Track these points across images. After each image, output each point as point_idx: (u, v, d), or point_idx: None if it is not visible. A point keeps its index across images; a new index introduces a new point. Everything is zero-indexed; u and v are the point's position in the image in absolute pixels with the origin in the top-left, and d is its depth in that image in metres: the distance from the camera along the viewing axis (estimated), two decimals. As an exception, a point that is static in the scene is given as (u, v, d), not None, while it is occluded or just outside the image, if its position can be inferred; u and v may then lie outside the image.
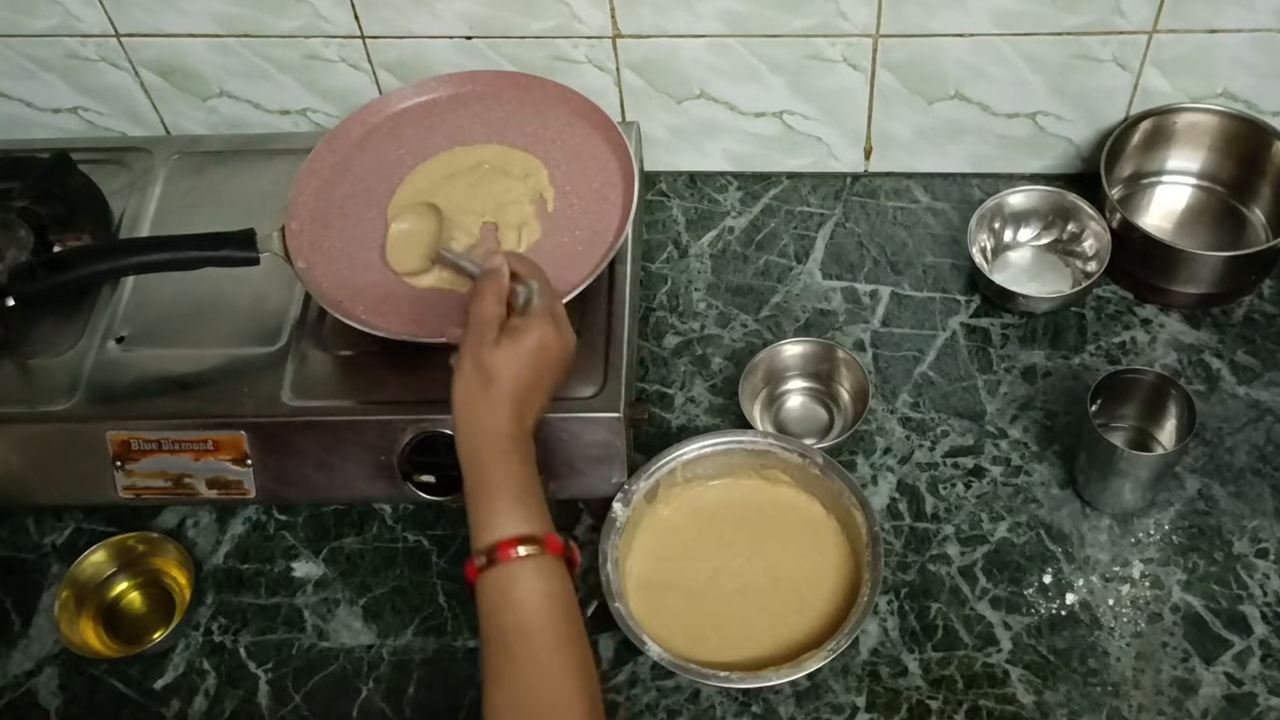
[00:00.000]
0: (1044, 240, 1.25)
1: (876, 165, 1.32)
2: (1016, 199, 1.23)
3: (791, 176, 1.33)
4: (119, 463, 1.07)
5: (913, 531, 1.08)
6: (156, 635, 1.06)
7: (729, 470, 1.09)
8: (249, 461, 1.07)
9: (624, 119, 1.29)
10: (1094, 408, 1.03)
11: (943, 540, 1.07)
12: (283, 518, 1.13)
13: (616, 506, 1.04)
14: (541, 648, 0.82)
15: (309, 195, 1.13)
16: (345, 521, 1.12)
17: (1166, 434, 1.09)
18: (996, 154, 1.29)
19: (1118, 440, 1.04)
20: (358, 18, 1.21)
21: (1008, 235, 1.25)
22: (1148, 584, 1.04)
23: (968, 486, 1.10)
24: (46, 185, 1.18)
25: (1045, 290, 1.21)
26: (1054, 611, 1.03)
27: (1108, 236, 1.18)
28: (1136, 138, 1.24)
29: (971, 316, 1.21)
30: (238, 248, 1.05)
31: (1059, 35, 1.17)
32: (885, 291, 1.23)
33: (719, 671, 0.96)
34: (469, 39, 1.23)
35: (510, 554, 0.83)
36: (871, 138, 1.29)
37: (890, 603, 1.04)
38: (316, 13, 1.21)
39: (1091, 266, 1.20)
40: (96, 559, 1.08)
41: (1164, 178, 1.27)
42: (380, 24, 1.22)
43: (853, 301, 1.23)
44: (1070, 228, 1.23)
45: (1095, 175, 1.20)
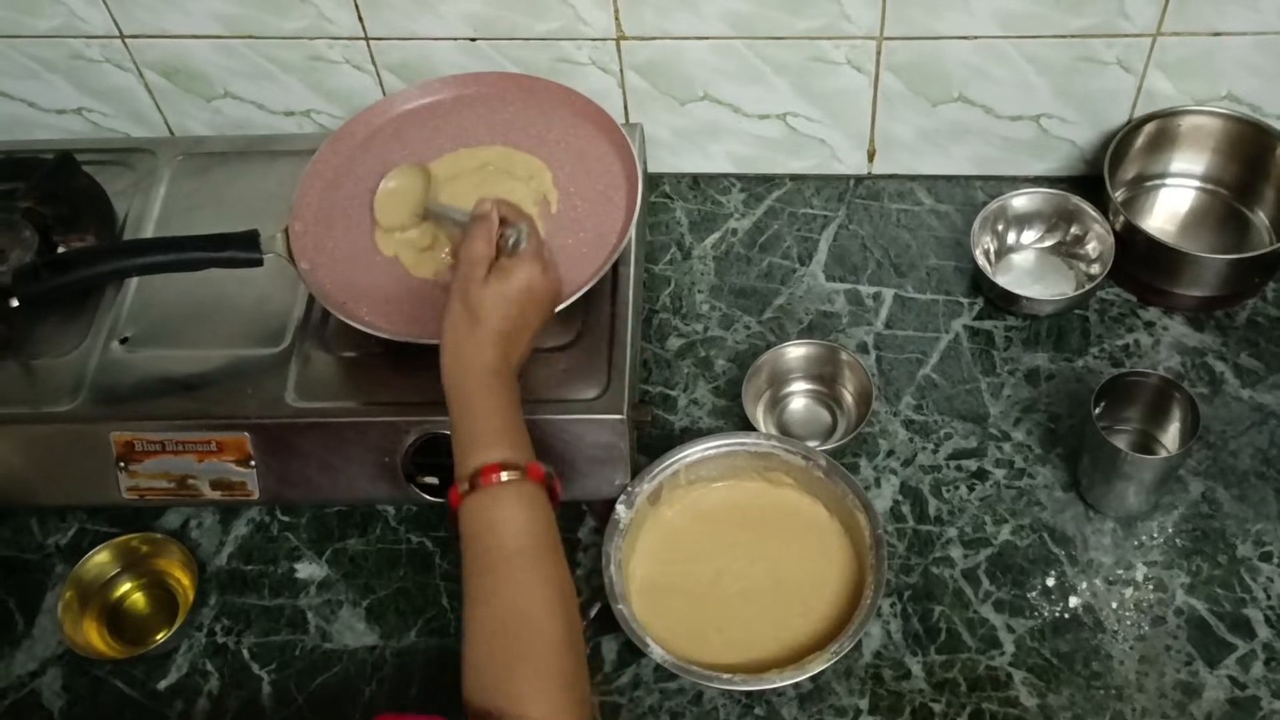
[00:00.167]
0: (1047, 243, 1.25)
1: (880, 167, 1.32)
2: (1020, 201, 1.23)
3: (795, 178, 1.33)
4: (122, 463, 1.07)
5: (916, 534, 1.08)
6: (160, 636, 1.06)
7: (732, 472, 1.09)
8: (252, 463, 1.07)
9: (628, 121, 1.29)
10: (1097, 410, 1.03)
11: (946, 543, 1.07)
12: (286, 519, 1.13)
13: (620, 508, 1.04)
14: (521, 568, 0.84)
15: (313, 196, 1.13)
16: (348, 523, 1.12)
17: (1170, 437, 1.09)
18: (1000, 156, 1.29)
19: (1121, 443, 1.04)
20: (362, 19, 1.21)
21: (1011, 238, 1.25)
22: (1151, 587, 1.04)
23: (971, 489, 1.10)
24: (51, 186, 1.18)
25: (1048, 293, 1.21)
26: (1057, 614, 1.03)
27: (1111, 239, 1.18)
28: (1140, 140, 1.24)
29: (975, 319, 1.21)
30: (241, 249, 1.05)
31: (1063, 38, 1.17)
32: (888, 294, 1.23)
33: (722, 674, 0.96)
34: (473, 40, 1.23)
35: (492, 479, 0.85)
36: (875, 140, 1.29)
37: (893, 605, 1.04)
38: (321, 14, 1.21)
39: (1095, 269, 1.20)
40: (100, 560, 1.09)
41: (1168, 180, 1.27)
42: (384, 25, 1.22)
43: (856, 304, 1.23)
44: (1074, 230, 1.23)
45: (1099, 178, 1.20)
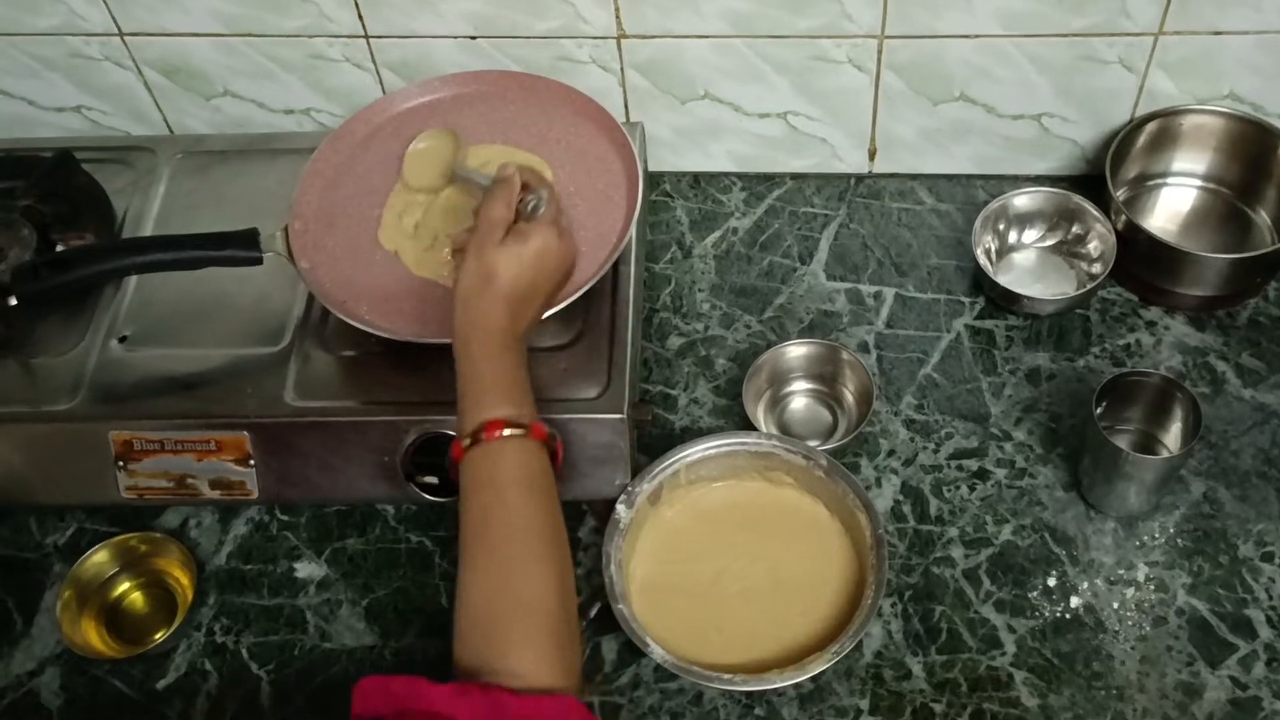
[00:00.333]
0: (1049, 242, 1.24)
1: (881, 166, 1.32)
2: (1021, 200, 1.23)
3: (796, 177, 1.33)
4: (121, 463, 1.07)
5: (917, 534, 1.08)
6: (158, 636, 1.06)
7: (733, 472, 1.08)
8: (252, 462, 1.07)
9: (628, 119, 1.29)
10: (1099, 410, 1.03)
11: (947, 543, 1.07)
12: (285, 518, 1.13)
13: (620, 508, 1.04)
14: (520, 524, 0.84)
15: (313, 195, 1.13)
16: (348, 522, 1.12)
17: (1171, 437, 1.08)
18: (1001, 155, 1.29)
19: (1122, 443, 1.04)
20: (362, 17, 1.21)
21: (1012, 237, 1.24)
22: (1152, 587, 1.04)
23: (972, 489, 1.10)
24: (50, 184, 1.18)
25: (1050, 292, 1.21)
26: (1058, 615, 1.03)
27: (1113, 238, 1.18)
28: (1142, 139, 1.23)
29: (976, 318, 1.21)
30: (241, 247, 1.05)
31: (1065, 37, 1.16)
32: (889, 293, 1.23)
33: (722, 674, 0.96)
34: (473, 39, 1.22)
35: (495, 434, 0.85)
36: (876, 139, 1.29)
37: (894, 605, 1.04)
38: (321, 12, 1.21)
39: (1096, 268, 1.20)
40: (99, 559, 1.08)
41: (1169, 180, 1.27)
42: (384, 24, 1.22)
43: (857, 303, 1.23)
44: (1075, 229, 1.22)
45: (1100, 177, 1.20)
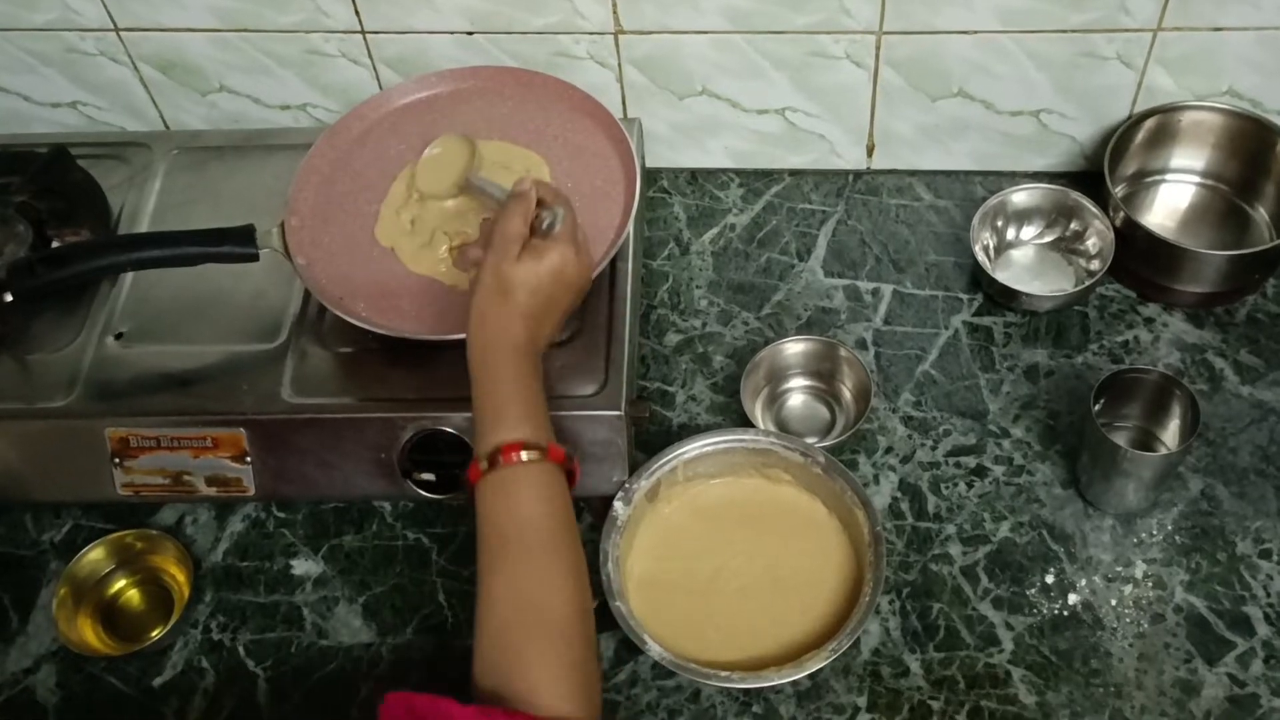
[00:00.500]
0: (1047, 239, 1.24)
1: (879, 163, 1.32)
2: (1019, 197, 1.23)
3: (794, 174, 1.33)
4: (118, 460, 1.07)
5: (914, 531, 1.08)
6: (155, 633, 1.06)
7: (730, 469, 1.08)
8: (248, 459, 1.06)
9: (626, 115, 1.29)
10: (1097, 407, 1.03)
11: (945, 540, 1.07)
12: (282, 515, 1.12)
13: (617, 505, 1.04)
14: (538, 548, 0.84)
15: (309, 191, 1.12)
16: (345, 519, 1.12)
17: (1169, 434, 1.08)
18: (1000, 152, 1.29)
19: (1121, 440, 1.03)
20: (358, 13, 1.21)
21: (1010, 233, 1.24)
22: (1150, 584, 1.04)
23: (970, 486, 1.10)
24: (45, 180, 1.18)
25: (1048, 289, 1.21)
26: (1056, 612, 1.03)
27: (1111, 235, 1.18)
28: (1140, 136, 1.23)
29: (974, 315, 1.20)
30: (237, 244, 1.04)
31: (1063, 33, 1.16)
32: (887, 289, 1.23)
33: (720, 671, 0.96)
34: (470, 34, 1.22)
35: (513, 457, 0.85)
36: (874, 135, 1.29)
37: (892, 603, 1.04)
38: (317, 7, 1.20)
39: (1095, 265, 1.20)
40: (95, 556, 1.08)
41: (1168, 176, 1.27)
42: (381, 19, 1.21)
43: (855, 299, 1.22)
44: (1073, 226, 1.22)
45: (1099, 173, 1.20)
